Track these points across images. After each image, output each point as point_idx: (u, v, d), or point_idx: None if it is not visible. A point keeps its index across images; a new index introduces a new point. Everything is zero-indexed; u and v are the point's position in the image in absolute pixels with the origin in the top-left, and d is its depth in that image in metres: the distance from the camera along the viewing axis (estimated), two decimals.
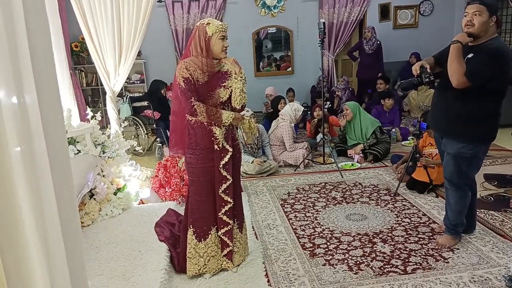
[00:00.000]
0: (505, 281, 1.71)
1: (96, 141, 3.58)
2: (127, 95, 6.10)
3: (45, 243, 0.90)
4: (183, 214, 3.23)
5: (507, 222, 3.22)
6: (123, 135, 4.24)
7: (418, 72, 2.64)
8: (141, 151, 5.09)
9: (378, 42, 6.86)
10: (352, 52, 7.23)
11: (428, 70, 2.61)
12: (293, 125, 5.03)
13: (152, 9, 3.95)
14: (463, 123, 2.63)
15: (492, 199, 3.66)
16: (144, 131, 5.75)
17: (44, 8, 0.91)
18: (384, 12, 7.55)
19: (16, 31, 0.85)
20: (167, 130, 5.73)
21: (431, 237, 3.05)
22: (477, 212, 3.19)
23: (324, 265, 2.77)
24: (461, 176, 2.76)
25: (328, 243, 3.05)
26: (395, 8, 7.56)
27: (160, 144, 5.60)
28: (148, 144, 5.81)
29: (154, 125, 5.77)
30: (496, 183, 3.98)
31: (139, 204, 3.70)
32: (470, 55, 2.54)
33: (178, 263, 2.75)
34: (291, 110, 4.96)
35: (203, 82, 2.41)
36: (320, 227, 3.31)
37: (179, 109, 2.55)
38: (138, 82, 7.06)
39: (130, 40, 3.93)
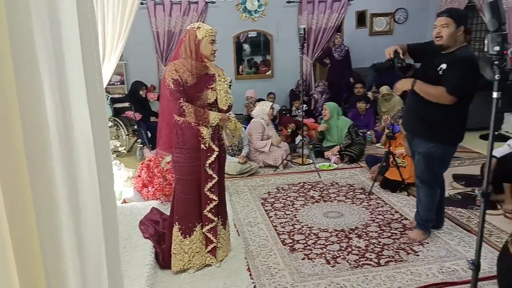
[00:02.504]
0: (468, 264, 1.89)
1: None
2: (108, 96, 6.11)
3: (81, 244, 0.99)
4: (166, 213, 3.33)
5: (473, 218, 3.44)
6: None
7: (392, 55, 2.78)
8: (124, 151, 5.13)
9: (347, 48, 7.13)
10: (323, 58, 7.49)
11: (401, 56, 2.77)
12: (269, 125, 5.12)
13: (136, 11, 4.02)
14: (433, 125, 2.82)
15: (460, 197, 3.90)
16: (125, 132, 5.78)
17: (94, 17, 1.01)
18: (361, 19, 7.81)
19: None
20: (148, 131, 5.79)
21: (403, 232, 3.24)
22: (446, 209, 3.40)
23: (303, 259, 2.91)
24: (431, 174, 2.96)
25: (307, 239, 3.19)
26: (371, 16, 7.83)
27: (141, 145, 5.63)
28: (129, 145, 5.84)
29: (135, 126, 5.81)
30: (464, 182, 4.22)
31: (122, 203, 3.76)
32: (443, 65, 2.71)
33: (163, 259, 2.84)
34: (260, 107, 5.10)
35: (191, 84, 2.52)
36: (299, 224, 3.46)
37: (167, 109, 2.65)
38: (118, 83, 7.06)
39: (114, 42, 3.98)
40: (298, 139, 5.46)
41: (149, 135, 5.76)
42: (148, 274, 2.57)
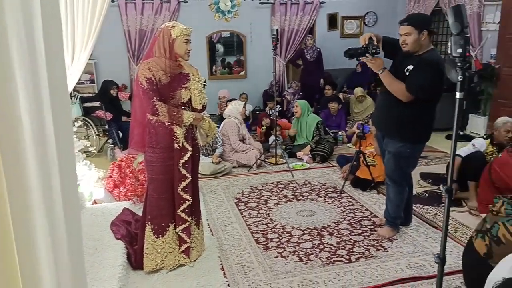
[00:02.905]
0: (434, 258, 1.97)
1: None
2: (77, 95, 5.97)
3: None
4: (138, 213, 3.29)
5: (439, 215, 3.57)
6: (75, 135, 4.19)
7: (366, 42, 2.83)
8: (94, 151, 5.02)
9: (318, 49, 7.26)
10: (295, 60, 7.59)
11: (375, 43, 2.84)
12: (242, 125, 5.15)
13: (107, 9, 3.95)
14: (402, 125, 2.91)
15: (427, 195, 4.04)
16: (95, 132, 5.67)
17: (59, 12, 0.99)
18: (332, 21, 7.95)
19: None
20: (119, 131, 5.70)
21: (373, 229, 3.33)
22: (413, 207, 3.52)
23: (277, 257, 2.94)
24: (400, 172, 3.06)
25: (280, 237, 3.23)
26: (342, 18, 7.98)
27: (112, 145, 5.53)
28: (99, 145, 5.73)
29: (106, 126, 5.70)
30: (430, 181, 4.38)
31: (92, 204, 3.68)
32: (410, 66, 2.81)
33: (135, 260, 2.81)
34: (233, 107, 5.12)
35: (165, 83, 2.50)
36: (273, 223, 3.49)
37: (140, 108, 2.62)
38: (88, 82, 6.91)
39: (84, 40, 3.90)
40: (272, 139, 5.51)
41: (121, 135, 5.67)
42: (120, 275, 2.54)
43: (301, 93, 7.31)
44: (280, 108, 6.99)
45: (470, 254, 2.41)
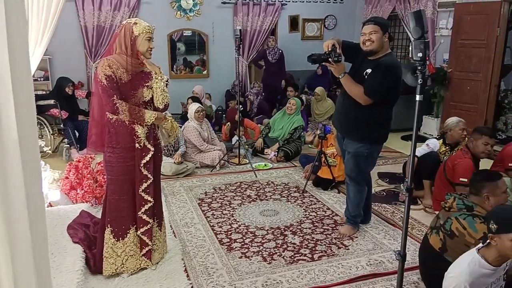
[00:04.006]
0: (395, 255, 2.04)
1: None
2: None
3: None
4: (97, 216, 3.18)
5: (396, 213, 3.70)
6: None
7: (330, 49, 2.88)
8: (49, 151, 4.80)
9: (280, 51, 7.34)
10: (257, 61, 7.64)
11: (338, 51, 2.90)
12: (203, 126, 5.08)
13: (63, 4, 3.79)
14: (361, 126, 3.00)
15: (385, 194, 4.18)
16: (49, 131, 5.41)
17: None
18: (294, 23, 8.06)
19: None
20: (75, 131, 5.48)
21: (334, 228, 3.40)
22: (372, 205, 3.62)
23: (241, 257, 2.94)
24: (359, 172, 3.14)
25: (244, 238, 3.23)
26: (303, 21, 8.11)
27: (68, 145, 5.31)
28: (54, 145, 5.48)
29: (62, 125, 5.46)
30: (388, 180, 4.53)
31: (47, 207, 3.52)
32: (369, 70, 2.90)
33: (94, 264, 2.71)
34: (189, 111, 5.08)
35: (125, 81, 2.43)
36: (236, 223, 3.49)
37: (99, 107, 2.53)
38: (42, 79, 6.59)
39: (39, 36, 3.72)
40: (235, 139, 5.50)
41: (77, 134, 5.46)
42: (79, 280, 2.44)
43: (263, 94, 7.36)
44: (242, 108, 6.99)
45: (426, 250, 2.52)
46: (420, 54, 1.68)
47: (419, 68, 1.70)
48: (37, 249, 0.99)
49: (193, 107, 5.03)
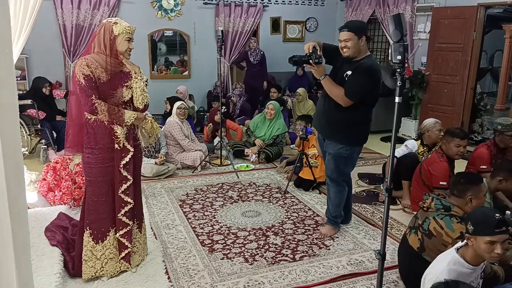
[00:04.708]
0: (375, 254, 2.07)
1: None
2: None
3: None
4: (75, 218, 3.12)
5: (376, 213, 3.76)
6: None
7: (310, 51, 2.91)
8: (26, 152, 4.69)
9: (262, 52, 7.37)
10: (239, 62, 7.66)
11: (319, 53, 2.93)
12: (184, 123, 5.05)
13: (41, 2, 3.71)
14: (341, 128, 3.03)
15: (365, 194, 4.23)
16: (26, 132, 5.29)
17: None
18: (275, 25, 8.10)
19: None
20: (53, 131, 5.37)
21: (316, 228, 3.43)
22: (352, 205, 3.67)
23: (222, 259, 2.93)
24: (339, 173, 3.18)
25: (226, 239, 3.22)
26: (284, 23, 8.15)
27: (46, 146, 5.20)
28: (31, 146, 5.35)
29: (39, 126, 5.35)
30: (368, 180, 4.60)
31: None
32: (349, 72, 2.94)
33: (73, 267, 2.66)
34: (175, 105, 5.06)
35: (104, 81, 2.39)
36: (218, 224, 3.48)
37: (77, 107, 2.48)
38: (19, 78, 6.44)
39: (16, 35, 3.63)
40: (217, 140, 5.48)
41: (55, 135, 5.35)
42: (57, 284, 2.39)
43: (245, 95, 7.36)
44: (225, 110, 6.98)
45: (404, 249, 2.57)
46: (399, 57, 1.72)
47: (398, 70, 1.73)
48: (19, 253, 0.96)
49: (177, 103, 5.04)
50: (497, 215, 1.87)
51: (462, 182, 2.42)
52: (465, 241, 1.97)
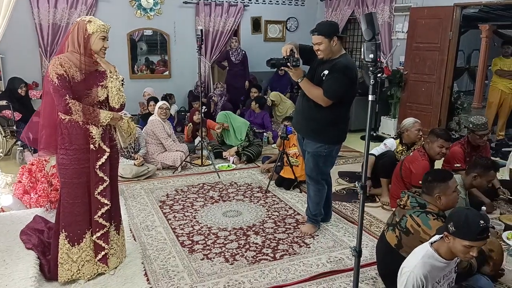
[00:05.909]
0: (351, 250, 2.09)
1: None
2: None
3: None
4: (52, 221, 3.06)
5: (356, 211, 3.79)
6: None
7: (288, 54, 2.93)
8: (1, 154, 4.58)
9: (244, 52, 7.37)
10: (221, 61, 7.64)
11: (296, 56, 2.95)
12: (165, 123, 5.02)
13: (15, 1, 3.63)
14: (319, 127, 3.06)
15: (345, 192, 4.27)
16: (2, 133, 5.16)
17: None
18: (256, 25, 8.10)
19: None
20: (29, 132, 5.25)
21: (296, 227, 3.45)
22: (332, 204, 3.70)
23: (203, 259, 2.92)
24: (318, 171, 3.20)
25: (206, 239, 3.21)
26: (265, 22, 8.16)
27: (22, 148, 5.09)
28: (6, 148, 5.23)
29: (15, 127, 5.23)
30: (348, 179, 4.64)
31: None
32: (326, 72, 2.96)
33: (49, 271, 2.61)
34: (157, 105, 5.03)
35: (79, 80, 2.35)
36: (199, 225, 3.46)
37: (50, 107, 2.43)
38: None
39: None
40: (197, 140, 5.45)
41: (31, 136, 5.22)
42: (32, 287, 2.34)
43: (227, 95, 7.35)
44: (206, 109, 6.95)
45: (382, 246, 2.60)
46: (371, 56, 1.74)
47: (371, 69, 1.75)
48: None
49: (159, 103, 5.04)
50: (482, 222, 1.86)
51: (430, 180, 2.45)
52: (440, 235, 2.00)
